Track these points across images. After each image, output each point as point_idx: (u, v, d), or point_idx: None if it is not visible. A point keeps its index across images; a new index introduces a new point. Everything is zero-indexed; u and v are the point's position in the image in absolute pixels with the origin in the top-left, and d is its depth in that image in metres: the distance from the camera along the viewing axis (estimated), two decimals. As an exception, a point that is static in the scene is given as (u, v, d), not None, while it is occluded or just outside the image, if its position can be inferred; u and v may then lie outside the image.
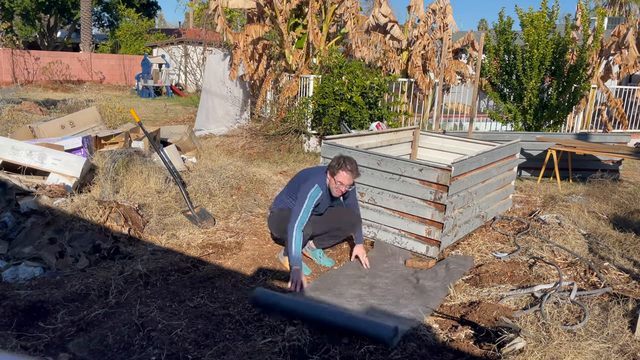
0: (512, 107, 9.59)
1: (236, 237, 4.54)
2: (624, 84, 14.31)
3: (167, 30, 29.67)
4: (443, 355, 2.80)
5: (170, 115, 12.92)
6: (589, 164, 7.45)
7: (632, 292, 3.51)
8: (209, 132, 10.26)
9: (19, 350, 2.57)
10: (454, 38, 12.24)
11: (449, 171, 4.07)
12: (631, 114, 12.50)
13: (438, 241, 4.22)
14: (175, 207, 5.03)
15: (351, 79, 8.51)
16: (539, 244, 4.44)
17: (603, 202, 5.76)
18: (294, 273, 3.58)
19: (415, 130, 6.19)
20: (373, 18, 10.78)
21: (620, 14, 32.23)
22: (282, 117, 9.58)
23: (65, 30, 32.02)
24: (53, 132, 6.27)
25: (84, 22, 25.44)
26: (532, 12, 9.19)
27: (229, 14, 19.89)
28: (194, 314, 3.14)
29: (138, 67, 22.31)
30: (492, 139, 6.28)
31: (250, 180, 6.09)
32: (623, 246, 4.36)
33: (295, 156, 8.47)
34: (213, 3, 9.68)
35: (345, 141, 5.05)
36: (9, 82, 19.74)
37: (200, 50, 18.03)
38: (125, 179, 5.25)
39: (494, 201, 5.26)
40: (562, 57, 9.20)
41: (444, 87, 11.14)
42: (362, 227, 4.31)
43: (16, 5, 26.34)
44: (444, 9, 10.49)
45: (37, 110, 10.03)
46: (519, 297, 3.40)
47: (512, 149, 5.46)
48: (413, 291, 3.66)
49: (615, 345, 2.74)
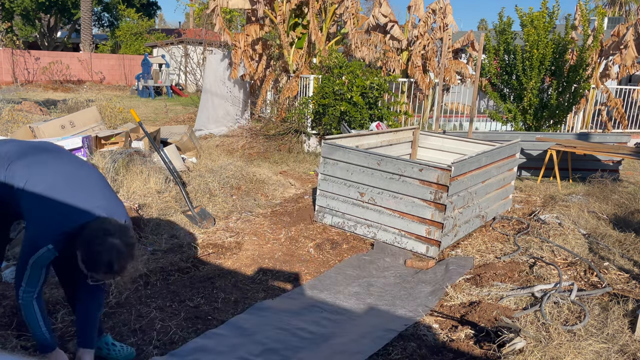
0: (512, 107, 9.59)
1: (236, 237, 4.54)
2: (624, 84, 14.31)
3: (167, 30, 29.65)
4: (443, 355, 2.80)
5: (170, 115, 12.91)
6: (589, 164, 7.45)
7: (632, 292, 3.51)
8: (209, 132, 10.26)
9: (19, 350, 2.57)
10: (454, 38, 12.23)
11: (449, 171, 4.07)
12: (631, 114, 12.49)
13: (438, 241, 4.22)
14: (175, 207, 5.03)
15: (351, 79, 8.51)
16: (539, 244, 4.44)
17: (603, 202, 5.76)
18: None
19: (415, 130, 6.19)
20: (373, 18, 10.77)
21: (620, 14, 32.23)
22: (282, 117, 9.58)
23: (65, 30, 32.01)
24: (53, 132, 6.26)
25: (84, 22, 25.42)
26: (532, 12, 9.18)
27: (229, 14, 19.89)
28: (194, 314, 3.14)
29: (138, 67, 22.29)
30: (492, 139, 6.28)
31: (250, 180, 6.09)
32: (623, 246, 4.36)
33: (295, 156, 8.47)
34: (212, 3, 9.68)
35: (345, 141, 5.05)
36: (9, 82, 19.73)
37: (200, 50, 18.02)
38: (125, 179, 5.25)
39: (494, 201, 5.26)
40: (562, 57, 9.19)
41: (444, 87, 11.14)
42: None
43: (16, 5, 26.32)
44: (444, 9, 10.48)
45: (37, 110, 10.01)
46: (519, 297, 3.40)
47: (512, 149, 5.46)
48: (411, 292, 3.66)
49: (615, 345, 2.74)
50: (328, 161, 4.82)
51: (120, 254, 2.09)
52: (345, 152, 4.68)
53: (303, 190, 6.28)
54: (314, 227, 4.90)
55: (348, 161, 4.66)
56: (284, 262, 4.10)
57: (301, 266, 4.05)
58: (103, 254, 2.07)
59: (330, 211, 4.89)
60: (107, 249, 2.07)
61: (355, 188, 4.67)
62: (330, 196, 4.86)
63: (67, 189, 2.27)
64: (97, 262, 2.08)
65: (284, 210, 5.39)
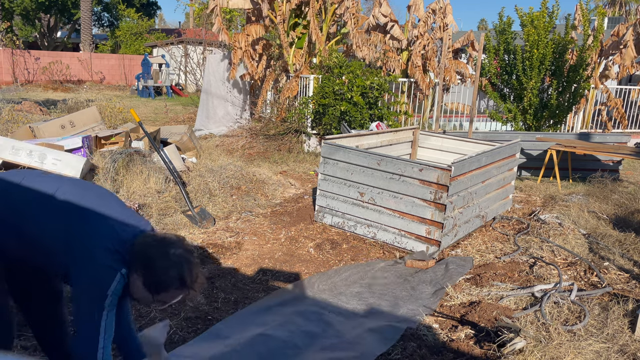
0: (512, 107, 9.59)
1: (236, 237, 4.54)
2: (624, 83, 14.30)
3: (167, 30, 29.65)
4: (443, 355, 2.80)
5: (170, 115, 12.91)
6: (589, 164, 7.45)
7: (632, 292, 3.51)
8: (209, 132, 10.26)
9: (19, 350, 2.57)
10: (454, 38, 12.23)
11: (449, 171, 4.07)
12: (631, 113, 12.49)
13: (438, 241, 4.22)
14: (175, 207, 5.03)
15: (351, 79, 8.51)
16: (539, 244, 4.44)
17: (603, 202, 5.76)
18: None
19: (415, 130, 6.19)
20: (373, 18, 10.77)
21: (620, 14, 32.23)
22: (282, 117, 9.58)
23: (65, 30, 32.00)
24: (53, 132, 6.26)
25: (84, 22, 25.42)
26: (532, 12, 9.19)
27: (229, 13, 19.88)
28: (194, 314, 3.14)
29: (138, 67, 22.27)
30: (492, 139, 6.28)
31: (250, 180, 6.09)
32: (623, 246, 4.36)
33: (295, 156, 8.47)
34: (212, 3, 9.68)
35: (345, 141, 5.05)
36: (9, 82, 19.72)
37: (200, 50, 18.02)
38: (125, 179, 5.25)
39: (494, 201, 5.26)
40: (562, 57, 9.19)
41: (444, 87, 11.13)
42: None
43: (16, 5, 26.32)
44: (444, 9, 10.48)
45: (37, 110, 10.01)
46: (519, 297, 3.40)
47: (512, 149, 5.46)
48: (412, 292, 3.66)
49: (615, 345, 2.74)
50: (328, 161, 4.82)
51: (190, 264, 1.81)
52: (345, 152, 4.68)
53: (303, 190, 6.28)
54: (314, 227, 4.90)
55: (348, 161, 4.66)
56: (284, 262, 4.10)
57: (301, 266, 4.05)
58: (171, 270, 1.77)
59: (330, 211, 4.89)
60: (174, 262, 1.78)
61: (355, 188, 4.67)
62: (330, 196, 4.86)
63: (95, 199, 1.95)
64: (167, 280, 1.77)
65: (284, 210, 5.39)
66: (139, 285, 1.78)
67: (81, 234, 1.82)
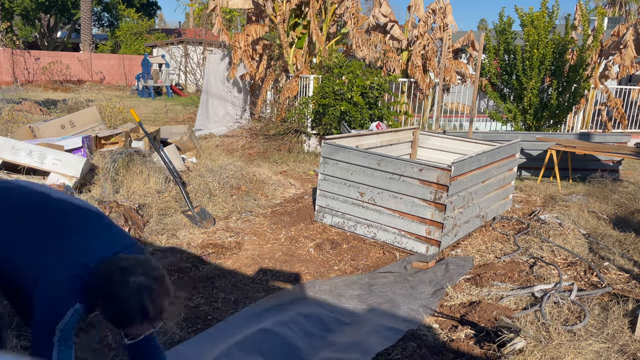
0: (512, 107, 9.59)
1: (236, 237, 4.54)
2: (624, 83, 14.30)
3: (167, 30, 29.65)
4: (443, 355, 2.80)
5: (170, 115, 12.91)
6: (589, 164, 7.45)
7: (632, 292, 3.51)
8: (209, 132, 10.26)
9: (19, 350, 2.57)
10: (454, 38, 12.23)
11: (449, 171, 4.07)
12: (631, 113, 12.49)
13: (438, 241, 4.22)
14: (175, 207, 5.03)
15: (351, 79, 8.51)
16: (539, 244, 4.44)
17: (603, 202, 5.76)
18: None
19: (415, 130, 6.19)
20: (373, 18, 10.77)
21: (620, 14, 32.23)
22: (282, 117, 9.58)
23: (65, 30, 32.00)
24: (53, 132, 6.27)
25: (84, 22, 25.42)
26: (532, 12, 9.19)
27: (229, 13, 19.89)
28: (194, 314, 3.14)
29: (138, 67, 22.28)
30: (492, 139, 6.28)
31: (250, 180, 6.09)
32: (623, 246, 4.36)
33: (295, 156, 8.47)
34: (212, 3, 9.68)
35: (345, 141, 5.05)
36: (9, 82, 19.72)
37: (200, 50, 18.02)
38: (125, 179, 5.25)
39: (494, 201, 5.26)
40: (562, 57, 9.19)
41: (444, 87, 11.13)
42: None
43: (16, 5, 26.32)
44: (444, 9, 10.48)
45: (37, 110, 10.01)
46: (519, 297, 3.40)
47: (512, 149, 5.46)
48: (411, 292, 3.66)
49: (615, 345, 2.74)
50: (328, 161, 4.82)
51: (152, 293, 1.61)
52: (345, 152, 4.68)
53: (303, 190, 6.28)
54: (314, 227, 4.90)
55: (348, 161, 4.66)
56: (284, 262, 4.10)
57: (301, 266, 4.05)
58: (130, 300, 1.59)
59: (330, 211, 4.89)
60: (134, 292, 1.59)
61: (355, 188, 4.67)
62: (330, 196, 4.86)
63: (64, 222, 1.81)
64: (128, 313, 1.60)
65: (284, 210, 5.39)
66: (102, 319, 1.62)
67: (40, 264, 1.70)
